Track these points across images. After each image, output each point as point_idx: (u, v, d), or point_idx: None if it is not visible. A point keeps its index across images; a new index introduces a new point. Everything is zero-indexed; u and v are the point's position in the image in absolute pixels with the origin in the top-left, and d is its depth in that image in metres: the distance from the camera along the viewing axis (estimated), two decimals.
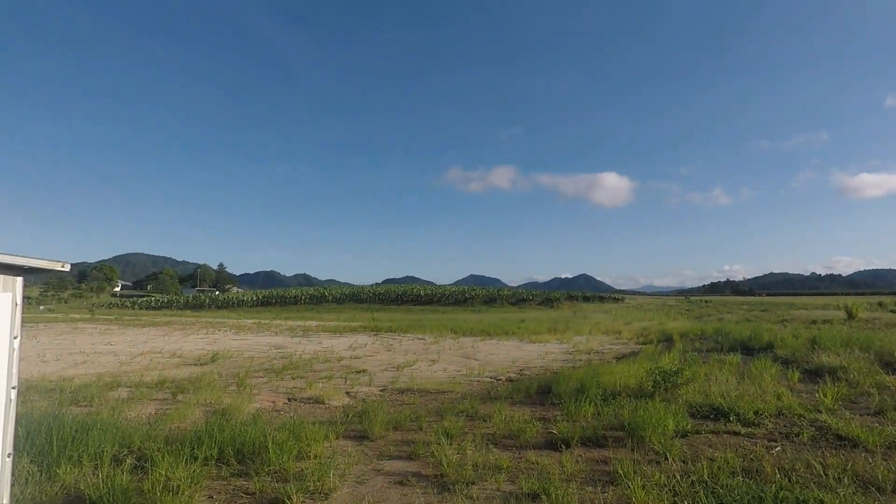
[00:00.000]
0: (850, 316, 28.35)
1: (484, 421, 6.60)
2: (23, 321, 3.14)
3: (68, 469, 4.37)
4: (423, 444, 5.45)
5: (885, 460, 4.59)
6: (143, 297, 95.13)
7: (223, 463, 4.86)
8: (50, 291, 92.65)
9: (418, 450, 5.30)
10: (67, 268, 3.03)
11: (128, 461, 4.72)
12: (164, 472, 4.26)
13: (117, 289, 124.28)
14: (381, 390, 9.67)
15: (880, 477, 4.16)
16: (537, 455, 5.13)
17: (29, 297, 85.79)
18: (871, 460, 4.60)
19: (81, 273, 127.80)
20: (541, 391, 8.56)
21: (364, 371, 12.15)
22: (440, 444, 5.30)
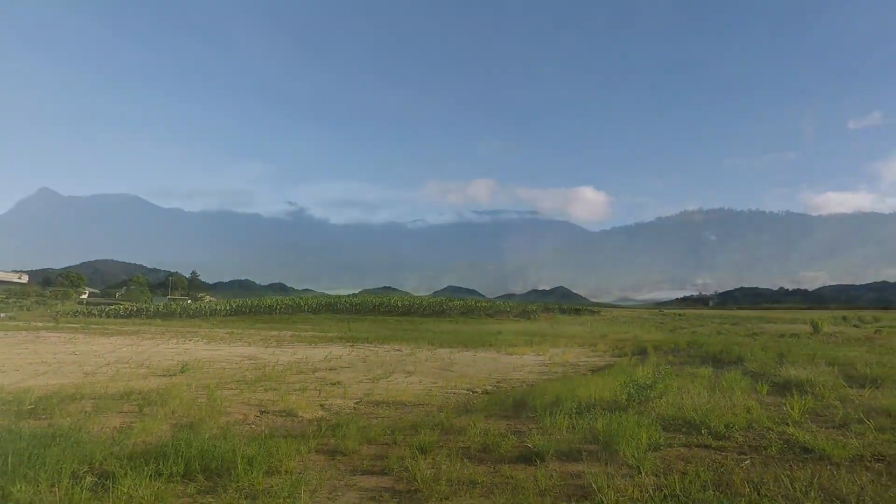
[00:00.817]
0: (816, 330, 29.31)
1: (459, 434, 6.55)
2: None
3: (23, 487, 4.17)
4: (397, 458, 5.38)
5: (849, 473, 4.71)
6: (112, 305, 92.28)
7: (189, 479, 4.70)
8: (11, 298, 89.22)
9: (392, 464, 5.23)
10: (25, 279, 2.92)
11: (88, 478, 4.51)
12: (126, 490, 4.11)
13: (84, 296, 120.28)
14: (355, 403, 9.52)
15: (844, 490, 4.26)
16: (512, 469, 5.11)
17: None
18: (836, 473, 4.71)
19: (46, 279, 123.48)
20: (516, 404, 8.55)
21: (339, 383, 11.96)
22: (414, 458, 5.23)
